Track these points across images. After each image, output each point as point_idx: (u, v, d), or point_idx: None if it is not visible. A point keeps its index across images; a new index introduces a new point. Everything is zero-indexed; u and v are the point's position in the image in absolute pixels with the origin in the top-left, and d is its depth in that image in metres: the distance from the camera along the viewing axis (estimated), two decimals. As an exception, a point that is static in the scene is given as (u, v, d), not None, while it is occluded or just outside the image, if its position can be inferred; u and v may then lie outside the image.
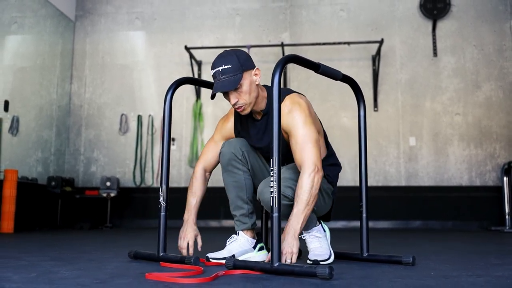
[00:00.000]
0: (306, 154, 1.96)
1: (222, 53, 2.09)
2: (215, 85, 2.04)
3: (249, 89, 2.05)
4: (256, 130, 2.19)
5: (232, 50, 2.10)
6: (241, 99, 2.05)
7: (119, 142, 6.66)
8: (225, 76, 2.01)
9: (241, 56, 2.07)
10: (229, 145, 2.20)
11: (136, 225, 6.37)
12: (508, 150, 6.10)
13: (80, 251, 2.75)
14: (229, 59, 2.03)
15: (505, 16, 6.32)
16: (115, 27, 6.92)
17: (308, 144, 1.97)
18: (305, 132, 2.00)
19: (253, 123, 2.20)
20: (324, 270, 1.60)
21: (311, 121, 2.04)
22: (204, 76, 6.63)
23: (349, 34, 6.46)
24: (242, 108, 2.07)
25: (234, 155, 2.18)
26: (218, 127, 2.35)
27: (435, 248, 3.17)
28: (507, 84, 6.22)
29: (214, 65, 2.07)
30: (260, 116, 2.19)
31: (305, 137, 1.99)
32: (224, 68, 2.01)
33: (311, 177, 1.92)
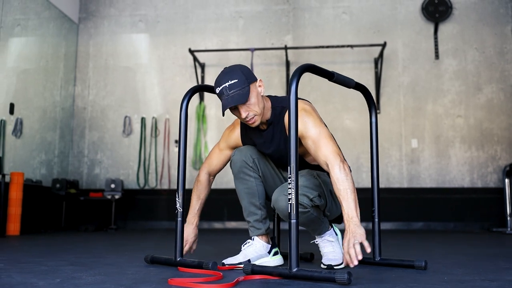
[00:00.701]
0: (327, 149, 1.99)
1: (225, 70, 2.11)
2: (225, 101, 2.03)
3: (257, 101, 2.08)
4: (263, 140, 2.22)
5: (234, 65, 2.14)
6: (251, 111, 2.06)
7: (123, 144, 6.70)
8: (233, 91, 2.02)
9: (244, 69, 2.11)
10: (240, 153, 2.25)
11: (140, 227, 6.40)
12: (509, 152, 6.16)
13: (95, 255, 2.79)
14: (233, 74, 2.06)
15: (506, 19, 6.37)
16: (119, 29, 6.95)
17: (324, 140, 2.01)
18: (317, 130, 2.03)
19: (259, 133, 2.23)
20: (343, 276, 1.64)
21: (320, 121, 2.09)
22: (207, 79, 6.66)
23: (352, 37, 6.51)
24: (253, 120, 2.09)
25: (245, 162, 2.22)
26: (224, 136, 2.40)
27: (442, 250, 3.22)
28: (508, 86, 6.27)
29: (219, 82, 2.07)
30: (265, 126, 2.22)
31: (320, 135, 2.02)
32: (231, 84, 2.03)
33: (342, 169, 1.92)
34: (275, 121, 2.18)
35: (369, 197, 2.28)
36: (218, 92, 2.06)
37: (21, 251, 3.12)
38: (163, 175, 6.55)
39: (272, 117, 2.18)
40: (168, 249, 3.28)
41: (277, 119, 2.17)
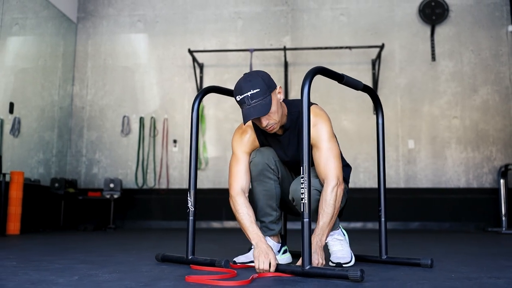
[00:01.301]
0: (330, 168, 2.07)
1: (247, 77, 2.07)
2: (247, 111, 2.01)
3: (276, 109, 2.07)
4: (280, 145, 2.25)
5: (255, 72, 2.10)
6: (271, 120, 2.06)
7: (121, 143, 6.71)
8: (255, 101, 2.00)
9: (265, 77, 2.08)
10: (261, 155, 2.21)
11: (138, 227, 6.43)
12: (504, 153, 6.25)
13: (103, 253, 2.82)
14: (255, 82, 2.03)
15: (501, 22, 6.46)
16: (117, 29, 6.96)
17: (332, 159, 2.07)
18: (329, 146, 2.09)
19: (275, 138, 2.25)
20: (356, 273, 1.69)
21: (333, 135, 2.13)
22: (205, 79, 6.70)
23: (349, 38, 6.57)
24: (273, 128, 2.09)
25: (267, 165, 2.20)
26: (237, 144, 2.28)
27: (442, 250, 3.28)
28: (503, 88, 6.36)
29: (240, 90, 2.03)
30: (282, 131, 2.23)
31: (330, 151, 2.08)
32: (253, 93, 2.00)
33: (334, 191, 2.03)
34: (292, 126, 2.20)
35: (366, 197, 2.37)
36: (239, 100, 2.03)
37: (28, 250, 3.14)
38: (162, 175, 6.58)
39: (289, 122, 2.19)
40: (170, 247, 3.32)
41: (294, 124, 2.19)
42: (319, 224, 2.02)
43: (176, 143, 6.61)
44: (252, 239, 2.06)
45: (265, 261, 1.89)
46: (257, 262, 1.91)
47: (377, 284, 1.69)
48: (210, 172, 6.53)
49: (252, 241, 2.06)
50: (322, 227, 2.01)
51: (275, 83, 2.14)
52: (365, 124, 6.39)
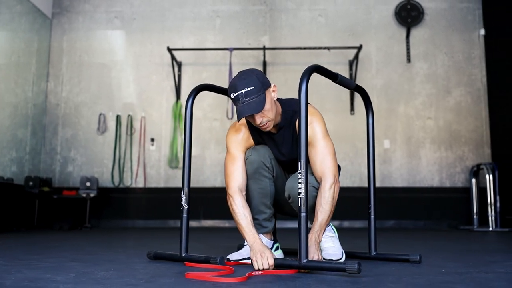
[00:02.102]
0: (327, 166, 2.10)
1: (241, 75, 2.10)
2: (241, 108, 2.04)
3: (270, 108, 2.10)
4: (274, 143, 2.27)
5: (249, 70, 2.12)
6: (265, 118, 2.08)
7: (97, 141, 6.62)
8: (249, 98, 2.02)
9: (259, 75, 2.11)
10: (257, 153, 2.22)
11: (115, 226, 6.35)
12: (476, 153, 6.43)
13: (90, 252, 2.78)
14: (250, 80, 2.05)
15: (474, 25, 6.65)
16: (93, 25, 6.86)
17: (329, 156, 2.11)
18: (325, 143, 2.13)
19: (269, 136, 2.27)
20: (353, 266, 1.72)
21: (328, 133, 2.17)
22: (183, 77, 6.67)
23: (327, 39, 6.65)
24: (267, 126, 2.12)
25: (263, 163, 2.21)
26: (231, 142, 2.29)
27: (423, 247, 3.36)
28: (475, 90, 6.54)
29: (235, 87, 2.06)
30: (276, 130, 2.26)
31: (326, 149, 2.12)
32: (247, 91, 2.02)
33: (332, 189, 2.07)
34: (286, 125, 2.22)
35: (343, 195, 2.43)
36: (234, 97, 2.06)
37: (11, 249, 3.07)
38: (139, 173, 6.52)
39: (283, 121, 2.22)
40: (155, 246, 3.29)
41: (288, 123, 2.22)
42: (318, 220, 2.05)
43: (154, 142, 6.56)
44: (248, 240, 2.07)
45: (263, 260, 1.90)
46: (255, 263, 1.92)
47: (374, 279, 1.73)
48: (188, 170, 6.49)
49: (248, 242, 2.07)
50: (320, 223, 2.04)
51: (269, 82, 2.16)
52: (342, 124, 6.47)
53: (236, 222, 2.16)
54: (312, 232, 2.03)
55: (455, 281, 1.68)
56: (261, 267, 1.90)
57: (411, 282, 1.65)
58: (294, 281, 1.67)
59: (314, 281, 1.66)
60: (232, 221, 6.43)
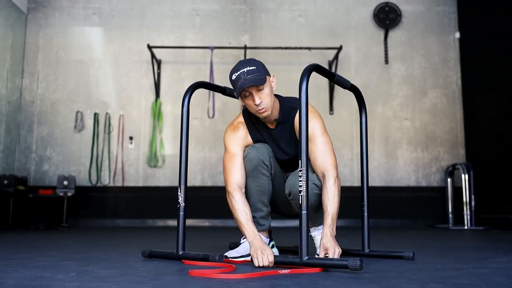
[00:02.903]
0: (329, 162, 2.14)
1: (243, 60, 2.19)
2: (242, 81, 2.07)
3: (269, 93, 2.16)
4: (272, 138, 2.29)
5: (250, 58, 2.22)
6: (264, 100, 2.13)
7: (74, 140, 6.50)
8: (251, 75, 2.08)
9: (261, 62, 2.20)
10: (256, 151, 2.23)
11: (92, 225, 6.25)
12: (451, 153, 6.58)
13: (79, 251, 2.74)
14: (252, 62, 2.15)
15: (450, 29, 6.80)
16: (71, 21, 6.73)
17: (329, 152, 2.14)
18: (325, 140, 2.16)
19: (267, 132, 2.29)
20: (355, 262, 1.74)
21: (326, 130, 2.20)
22: (163, 75, 6.62)
23: (307, 39, 6.69)
24: (264, 110, 2.15)
25: (262, 161, 2.22)
26: (230, 140, 2.29)
27: (408, 245, 3.43)
28: (451, 92, 6.70)
29: (236, 68, 2.13)
30: (274, 126, 2.28)
31: (326, 145, 2.15)
32: (249, 69, 2.10)
33: (336, 184, 2.11)
34: (284, 121, 2.25)
35: None
36: (235, 77, 2.10)
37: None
38: (117, 172, 6.43)
39: (281, 117, 2.25)
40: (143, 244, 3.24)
41: (286, 119, 2.24)
42: (329, 214, 2.06)
43: (132, 140, 6.48)
44: (248, 237, 2.08)
45: (263, 257, 1.91)
46: (255, 260, 1.92)
47: (376, 275, 1.76)
48: (167, 170, 6.45)
49: (248, 239, 2.08)
50: (332, 217, 2.06)
51: (269, 73, 2.20)
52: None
53: (235, 219, 2.16)
54: (326, 226, 2.05)
55: (455, 276, 1.72)
56: (261, 264, 1.91)
57: (414, 278, 1.68)
58: (299, 277, 1.69)
59: (319, 278, 1.67)
60: (213, 220, 6.42)
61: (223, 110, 6.53)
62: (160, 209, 6.36)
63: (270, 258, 1.91)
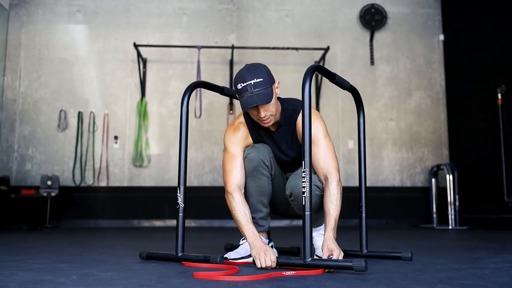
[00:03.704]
0: (331, 164, 2.15)
1: (250, 67, 2.10)
2: (249, 99, 2.03)
3: (274, 102, 2.11)
4: (272, 141, 2.27)
5: (257, 64, 2.14)
6: (269, 112, 2.09)
7: (58, 139, 6.39)
8: (258, 90, 2.03)
9: (267, 69, 2.13)
10: (257, 151, 2.21)
11: (76, 226, 6.15)
12: (435, 154, 6.66)
13: (72, 253, 2.68)
14: (259, 72, 2.07)
15: (434, 31, 6.88)
16: (54, 18, 6.62)
17: (331, 154, 2.15)
18: (327, 142, 2.16)
19: (268, 134, 2.27)
20: (360, 264, 1.74)
21: (328, 133, 2.20)
22: (149, 74, 6.56)
23: (294, 39, 6.70)
24: (269, 120, 2.12)
25: (263, 161, 2.20)
26: (230, 141, 2.26)
27: (400, 244, 3.45)
28: (435, 93, 6.78)
29: (243, 78, 2.05)
30: (275, 128, 2.26)
31: (328, 148, 2.15)
32: (256, 82, 2.03)
33: (338, 186, 2.12)
34: (286, 123, 2.23)
35: None
36: (241, 88, 2.05)
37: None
38: (101, 172, 6.34)
39: (283, 119, 2.23)
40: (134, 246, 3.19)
41: (288, 121, 2.23)
42: (332, 217, 2.07)
43: (117, 140, 6.40)
44: (249, 237, 2.05)
45: (266, 258, 1.89)
46: (258, 261, 1.90)
47: (381, 276, 1.76)
48: (152, 169, 6.39)
49: (248, 239, 2.05)
50: (335, 219, 2.08)
51: (274, 78, 2.16)
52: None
53: (235, 220, 2.14)
54: (328, 229, 2.05)
55: (458, 277, 1.73)
56: (264, 265, 1.89)
57: (419, 279, 1.69)
58: (305, 278, 1.68)
59: (326, 279, 1.67)
60: (199, 220, 6.37)
61: (209, 110, 6.50)
62: (146, 209, 6.30)
63: (272, 258, 1.89)
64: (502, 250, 2.79)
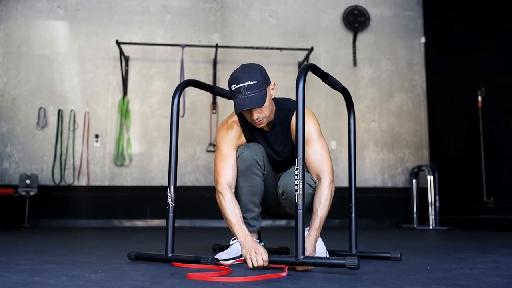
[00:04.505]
0: (325, 165, 2.15)
1: (245, 68, 2.08)
2: (241, 101, 2.01)
3: (268, 104, 2.10)
4: (266, 140, 2.26)
5: (253, 65, 2.11)
6: (262, 114, 2.08)
7: (37, 137, 6.26)
8: (251, 92, 2.01)
9: (262, 70, 2.11)
10: (250, 151, 2.20)
11: (55, 226, 6.04)
12: (416, 155, 6.74)
13: (56, 254, 2.62)
14: (253, 74, 2.04)
15: (415, 33, 6.96)
16: (34, 14, 6.49)
17: (325, 155, 2.15)
18: (322, 143, 2.16)
19: (261, 134, 2.26)
20: (353, 261, 1.74)
21: (322, 133, 2.20)
22: (131, 72, 6.47)
23: (277, 40, 6.70)
24: (261, 122, 2.11)
25: (256, 161, 2.19)
26: (222, 140, 2.25)
27: (385, 245, 3.47)
28: (416, 95, 6.85)
29: (237, 79, 2.04)
30: (268, 128, 2.25)
31: (323, 148, 2.15)
32: (250, 84, 2.01)
33: (330, 188, 2.12)
34: (280, 123, 2.22)
35: None
36: (235, 89, 2.03)
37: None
38: (81, 171, 6.24)
39: (277, 119, 2.22)
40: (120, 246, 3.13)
41: (282, 121, 2.22)
42: (318, 217, 2.07)
43: (98, 138, 6.30)
44: (239, 237, 2.02)
45: (257, 257, 1.87)
46: (249, 261, 1.88)
47: (374, 276, 1.76)
48: (134, 169, 6.31)
49: (239, 239, 2.02)
50: (320, 220, 2.07)
51: (270, 80, 2.15)
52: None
53: (225, 219, 2.12)
54: (312, 228, 2.05)
55: (451, 277, 1.75)
56: (255, 264, 1.87)
57: (412, 279, 1.70)
58: (301, 279, 1.67)
59: (321, 280, 1.66)
60: (180, 220, 6.31)
61: (192, 110, 6.45)
62: (127, 209, 6.22)
63: (264, 258, 1.88)
64: (486, 251, 2.82)
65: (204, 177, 6.33)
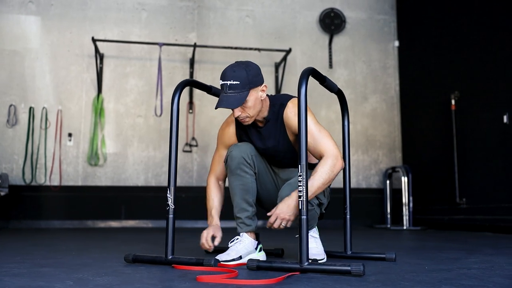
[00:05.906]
0: (324, 143, 2.14)
1: (233, 66, 2.14)
2: (221, 99, 2.11)
3: (253, 104, 2.14)
4: (259, 136, 2.28)
5: (244, 64, 2.16)
6: (244, 113, 2.15)
7: (6, 135, 6.06)
8: (231, 92, 2.08)
9: (251, 71, 2.13)
10: (238, 149, 2.25)
11: (26, 227, 5.86)
12: (389, 156, 6.86)
13: (47, 256, 2.54)
14: (239, 74, 2.09)
15: (389, 37, 7.09)
16: (4, 8, 6.28)
17: (326, 138, 2.15)
18: (318, 127, 2.16)
19: (256, 130, 2.29)
20: (359, 267, 1.76)
21: (318, 121, 2.21)
22: (106, 70, 6.35)
23: (254, 40, 6.70)
24: (244, 121, 2.20)
25: (244, 159, 2.23)
26: (219, 138, 2.41)
27: (372, 245, 3.52)
28: (389, 98, 6.98)
29: (224, 76, 2.13)
30: (262, 124, 2.27)
31: (320, 132, 2.15)
32: (232, 84, 2.08)
33: (330, 164, 2.10)
34: (273, 118, 2.25)
35: None
36: (221, 84, 2.15)
37: None
38: (54, 170, 6.08)
39: (270, 114, 2.25)
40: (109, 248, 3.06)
41: (275, 116, 2.25)
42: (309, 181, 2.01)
43: (72, 137, 6.15)
44: (208, 221, 2.31)
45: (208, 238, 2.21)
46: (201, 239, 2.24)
47: (381, 277, 1.78)
48: (108, 168, 6.19)
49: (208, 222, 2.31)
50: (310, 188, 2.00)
51: (262, 80, 2.16)
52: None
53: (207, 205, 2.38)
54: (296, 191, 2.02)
55: (454, 277, 1.78)
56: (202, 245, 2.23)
57: (418, 280, 1.72)
58: (311, 281, 1.67)
59: (334, 281, 1.67)
60: (157, 221, 6.25)
61: (169, 109, 6.37)
62: (101, 209, 6.10)
63: (209, 243, 2.22)
64: (472, 251, 2.89)
65: (180, 177, 6.26)
